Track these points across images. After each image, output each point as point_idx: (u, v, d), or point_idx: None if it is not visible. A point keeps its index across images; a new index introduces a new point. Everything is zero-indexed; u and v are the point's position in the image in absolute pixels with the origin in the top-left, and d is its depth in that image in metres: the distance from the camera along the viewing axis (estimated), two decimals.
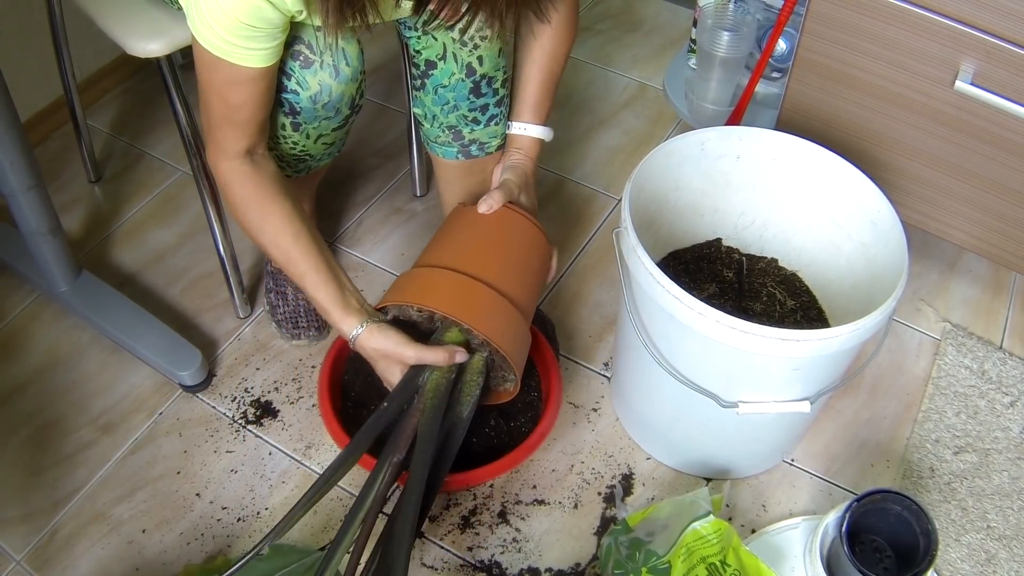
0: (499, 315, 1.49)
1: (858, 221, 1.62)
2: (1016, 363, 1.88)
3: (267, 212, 1.47)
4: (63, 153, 2.30)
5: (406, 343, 1.45)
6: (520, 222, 1.60)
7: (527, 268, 1.60)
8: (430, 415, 1.43)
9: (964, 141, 1.69)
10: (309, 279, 1.48)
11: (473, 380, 1.50)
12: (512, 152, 1.69)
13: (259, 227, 1.48)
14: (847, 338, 1.37)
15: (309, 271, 1.48)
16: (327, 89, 1.47)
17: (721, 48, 2.13)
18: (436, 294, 1.49)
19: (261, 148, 1.47)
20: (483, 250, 1.57)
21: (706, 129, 1.66)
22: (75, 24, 1.91)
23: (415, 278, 1.53)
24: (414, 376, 1.47)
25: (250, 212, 1.47)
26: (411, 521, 1.34)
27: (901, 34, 1.62)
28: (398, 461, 1.39)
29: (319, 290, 1.48)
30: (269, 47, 1.32)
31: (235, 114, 1.38)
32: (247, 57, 1.31)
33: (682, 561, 1.42)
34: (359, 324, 1.47)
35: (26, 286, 1.99)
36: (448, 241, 1.60)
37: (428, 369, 1.47)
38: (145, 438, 1.76)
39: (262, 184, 1.46)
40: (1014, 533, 1.64)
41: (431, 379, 1.46)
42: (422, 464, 1.38)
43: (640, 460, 1.74)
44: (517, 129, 1.68)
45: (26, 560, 1.60)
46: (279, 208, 1.47)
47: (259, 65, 1.33)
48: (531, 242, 1.61)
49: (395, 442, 1.41)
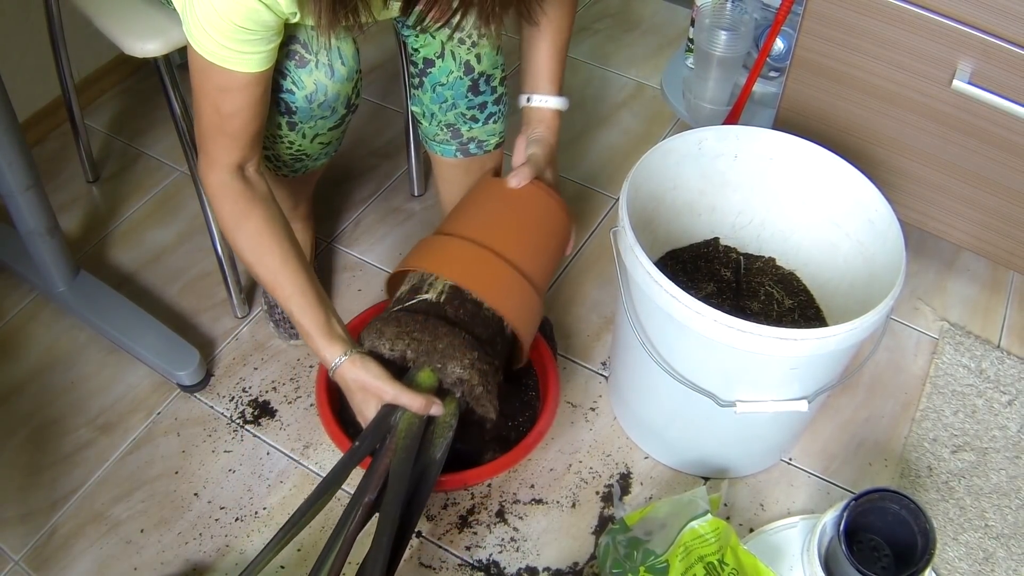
0: (517, 294, 1.51)
1: (856, 220, 1.62)
2: (1014, 362, 1.88)
3: (256, 231, 1.45)
4: (61, 153, 2.30)
5: (386, 379, 1.44)
6: (546, 200, 1.61)
7: (548, 247, 1.61)
8: (402, 455, 1.41)
9: (962, 140, 1.69)
10: (295, 302, 1.46)
11: (446, 423, 1.48)
12: (534, 125, 1.66)
13: (247, 246, 1.46)
14: (844, 337, 1.37)
15: (295, 294, 1.46)
16: (323, 88, 1.47)
17: (719, 47, 2.13)
18: (458, 267, 1.50)
19: (253, 165, 1.46)
20: (509, 226, 1.58)
21: (704, 128, 1.66)
22: (73, 24, 1.91)
23: (439, 247, 1.53)
24: (387, 415, 1.45)
25: (239, 230, 1.45)
26: (382, 565, 1.32)
27: (898, 33, 1.62)
28: (370, 501, 1.37)
29: (304, 313, 1.46)
30: (263, 51, 1.31)
31: (227, 123, 1.37)
32: (241, 62, 1.30)
33: (680, 560, 1.42)
34: (342, 353, 1.46)
35: (24, 286, 1.99)
36: (475, 212, 1.60)
37: (401, 409, 1.45)
38: (143, 438, 1.76)
39: (252, 203, 1.44)
40: (1012, 532, 1.64)
41: (403, 419, 1.44)
42: (394, 505, 1.36)
43: (638, 459, 1.74)
44: (537, 101, 1.65)
45: (24, 560, 1.60)
46: (268, 229, 1.45)
47: (253, 70, 1.32)
48: (554, 221, 1.62)
49: (367, 483, 1.39)
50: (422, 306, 1.50)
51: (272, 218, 1.46)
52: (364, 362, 1.45)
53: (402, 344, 1.47)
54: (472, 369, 1.46)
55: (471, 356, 1.46)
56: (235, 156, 1.41)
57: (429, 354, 1.46)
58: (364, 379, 1.44)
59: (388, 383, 1.43)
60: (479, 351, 1.47)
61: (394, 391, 1.42)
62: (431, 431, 1.47)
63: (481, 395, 1.48)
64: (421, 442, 1.45)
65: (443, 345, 1.46)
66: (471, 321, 1.50)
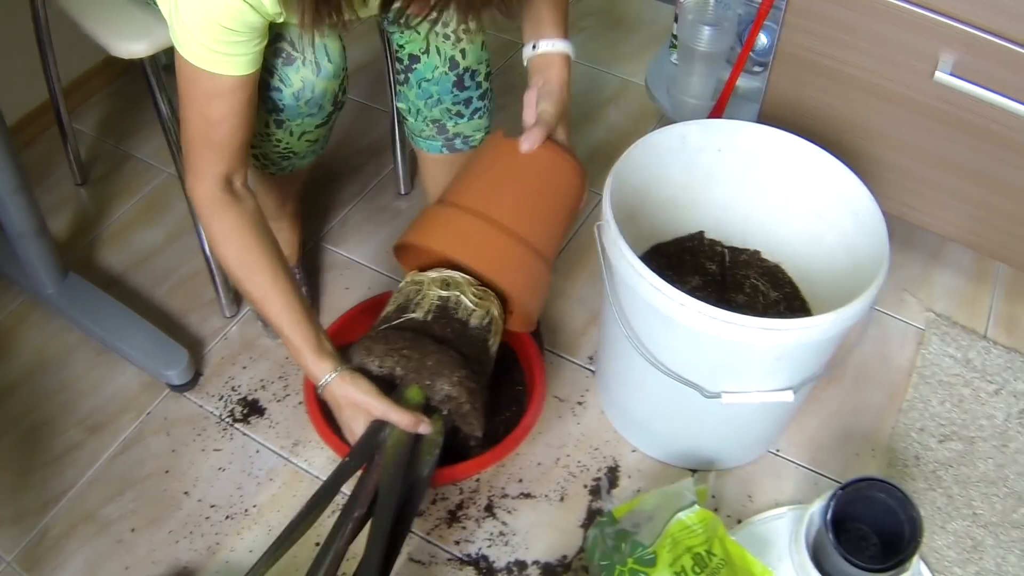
0: (521, 268, 1.49)
1: (839, 212, 1.63)
2: (1000, 352, 1.89)
3: (245, 247, 1.44)
4: (49, 156, 2.30)
5: (376, 395, 1.44)
6: (559, 163, 1.54)
7: (558, 212, 1.57)
8: (392, 471, 1.42)
9: (945, 132, 1.70)
10: (284, 318, 1.45)
11: (433, 440, 1.49)
12: (543, 75, 1.55)
13: (236, 262, 1.45)
14: (828, 327, 1.38)
15: (284, 310, 1.45)
16: (309, 85, 1.47)
17: (702, 43, 2.13)
18: (460, 242, 1.49)
19: (240, 178, 1.45)
20: (517, 194, 1.53)
21: (687, 122, 1.66)
22: (60, 27, 1.91)
23: (445, 221, 1.52)
24: (376, 431, 1.46)
25: (229, 246, 1.44)
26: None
27: (880, 26, 1.63)
28: (359, 516, 1.38)
29: (294, 330, 1.46)
30: (249, 53, 1.32)
31: (214, 131, 1.37)
32: (227, 64, 1.30)
33: (668, 551, 1.43)
34: (332, 369, 1.46)
35: (13, 288, 2.00)
36: (482, 178, 1.56)
37: (390, 425, 1.46)
38: (133, 438, 1.77)
39: (241, 217, 1.44)
40: (1000, 520, 1.65)
41: (392, 435, 1.45)
42: (384, 520, 1.37)
43: (626, 452, 1.75)
44: (545, 47, 1.53)
45: (16, 561, 1.60)
46: (257, 244, 1.45)
47: (239, 73, 1.32)
48: (566, 182, 1.56)
49: (357, 497, 1.41)
50: (410, 324, 1.51)
51: (261, 233, 1.46)
52: (354, 379, 1.46)
53: (391, 361, 1.48)
54: (460, 386, 1.47)
55: (460, 373, 1.47)
56: (222, 168, 1.41)
57: (418, 371, 1.47)
58: (354, 395, 1.45)
59: (378, 399, 1.44)
60: (467, 369, 1.48)
61: (383, 407, 1.43)
62: (419, 448, 1.48)
63: (468, 412, 1.50)
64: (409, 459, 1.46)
65: (432, 362, 1.47)
66: (458, 340, 1.51)
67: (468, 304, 1.55)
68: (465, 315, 1.53)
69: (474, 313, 1.54)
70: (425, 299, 1.53)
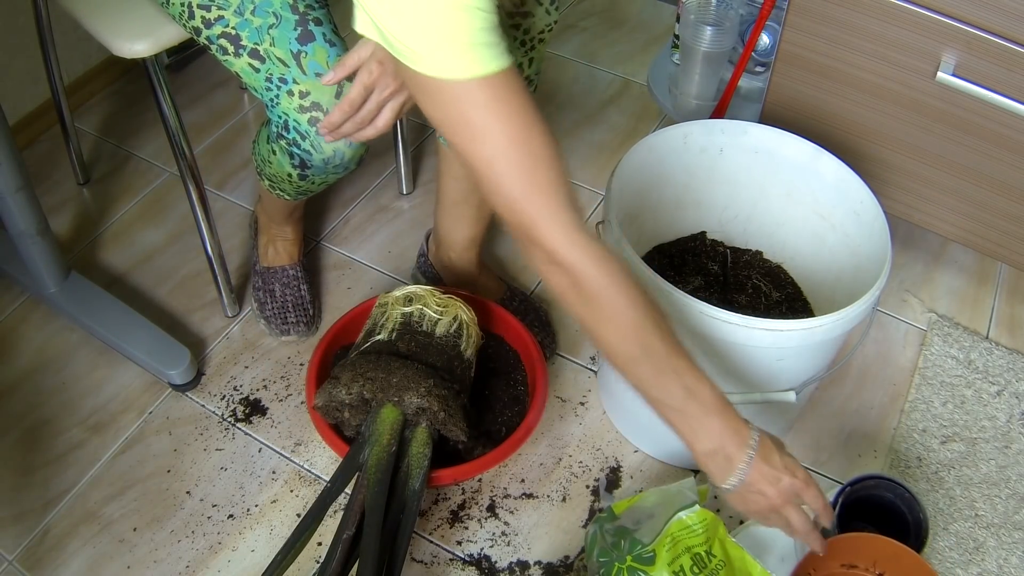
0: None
1: (841, 213, 1.63)
2: (1002, 352, 1.89)
3: (645, 305, 1.18)
4: (51, 155, 2.30)
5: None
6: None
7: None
8: (375, 489, 1.42)
9: (947, 132, 1.70)
10: (689, 376, 1.20)
11: (421, 452, 1.50)
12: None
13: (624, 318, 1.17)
14: (830, 327, 1.38)
15: (683, 366, 1.20)
16: (340, 155, 1.47)
17: (704, 43, 2.13)
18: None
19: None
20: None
21: (689, 123, 1.66)
22: (62, 27, 1.91)
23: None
24: (355, 454, 1.48)
25: (616, 302, 1.16)
26: None
27: (882, 26, 1.63)
28: (348, 537, 1.39)
29: (702, 385, 1.21)
30: (503, 36, 1.08)
31: (532, 151, 1.11)
32: (496, 52, 1.07)
33: (667, 550, 1.42)
34: (753, 436, 1.23)
35: (15, 288, 1.99)
36: None
37: (368, 446, 1.47)
38: (135, 437, 1.77)
39: (623, 265, 1.18)
40: (1002, 521, 1.65)
41: (372, 455, 1.46)
42: (373, 537, 1.38)
43: (628, 453, 1.75)
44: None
45: (18, 560, 1.60)
46: (644, 296, 1.19)
47: (509, 63, 1.08)
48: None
49: (345, 519, 1.41)
50: (375, 347, 1.56)
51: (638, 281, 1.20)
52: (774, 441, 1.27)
53: (357, 386, 1.50)
54: (430, 396, 1.49)
55: (426, 384, 1.49)
56: (565, 197, 1.12)
57: (384, 390, 1.49)
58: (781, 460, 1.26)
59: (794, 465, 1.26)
60: (434, 378, 1.51)
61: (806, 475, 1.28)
62: (407, 464, 1.49)
63: (445, 420, 1.51)
64: (398, 477, 1.48)
65: (396, 379, 1.49)
66: (423, 351, 1.55)
67: (432, 315, 1.60)
68: (430, 326, 1.57)
69: (439, 322, 1.59)
70: (389, 319, 1.59)
